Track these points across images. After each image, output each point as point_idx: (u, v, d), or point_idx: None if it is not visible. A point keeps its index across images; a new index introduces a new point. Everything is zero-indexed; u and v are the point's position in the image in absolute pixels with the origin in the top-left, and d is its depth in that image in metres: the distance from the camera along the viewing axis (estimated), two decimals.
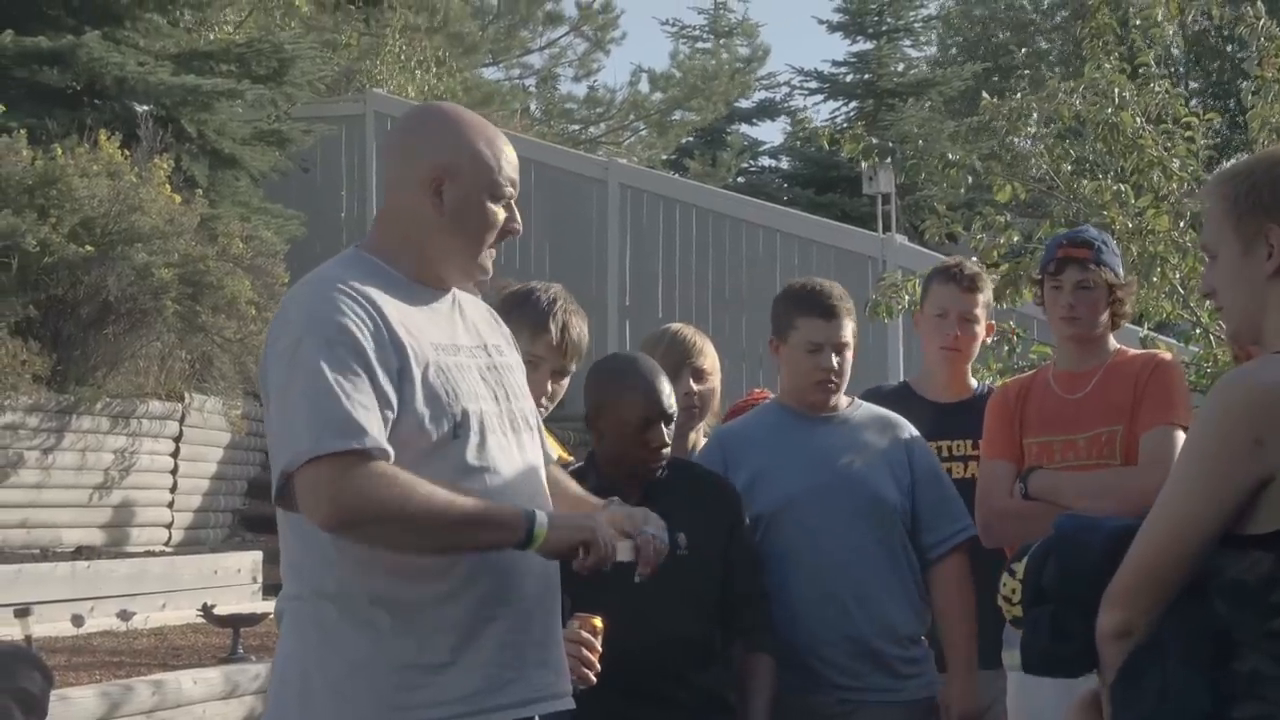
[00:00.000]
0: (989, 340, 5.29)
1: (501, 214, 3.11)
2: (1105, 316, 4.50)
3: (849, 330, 4.41)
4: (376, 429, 2.85)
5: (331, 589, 2.94)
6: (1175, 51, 23.45)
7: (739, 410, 5.06)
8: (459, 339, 3.08)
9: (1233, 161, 2.99)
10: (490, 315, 3.27)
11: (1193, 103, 13.94)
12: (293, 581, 3.04)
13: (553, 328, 3.92)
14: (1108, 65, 7.39)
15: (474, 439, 2.98)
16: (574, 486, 3.37)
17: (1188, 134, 7.24)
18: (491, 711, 2.95)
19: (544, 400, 3.86)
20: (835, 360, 4.38)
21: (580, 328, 4.00)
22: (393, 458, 2.86)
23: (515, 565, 2.99)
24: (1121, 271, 4.56)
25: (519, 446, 3.09)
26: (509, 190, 3.12)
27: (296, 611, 3.01)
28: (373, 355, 2.90)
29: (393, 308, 2.97)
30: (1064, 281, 4.47)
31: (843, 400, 4.51)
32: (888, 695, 4.32)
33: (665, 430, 3.97)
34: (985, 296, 5.02)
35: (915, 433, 4.52)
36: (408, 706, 2.91)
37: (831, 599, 4.28)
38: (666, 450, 3.99)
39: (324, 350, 2.88)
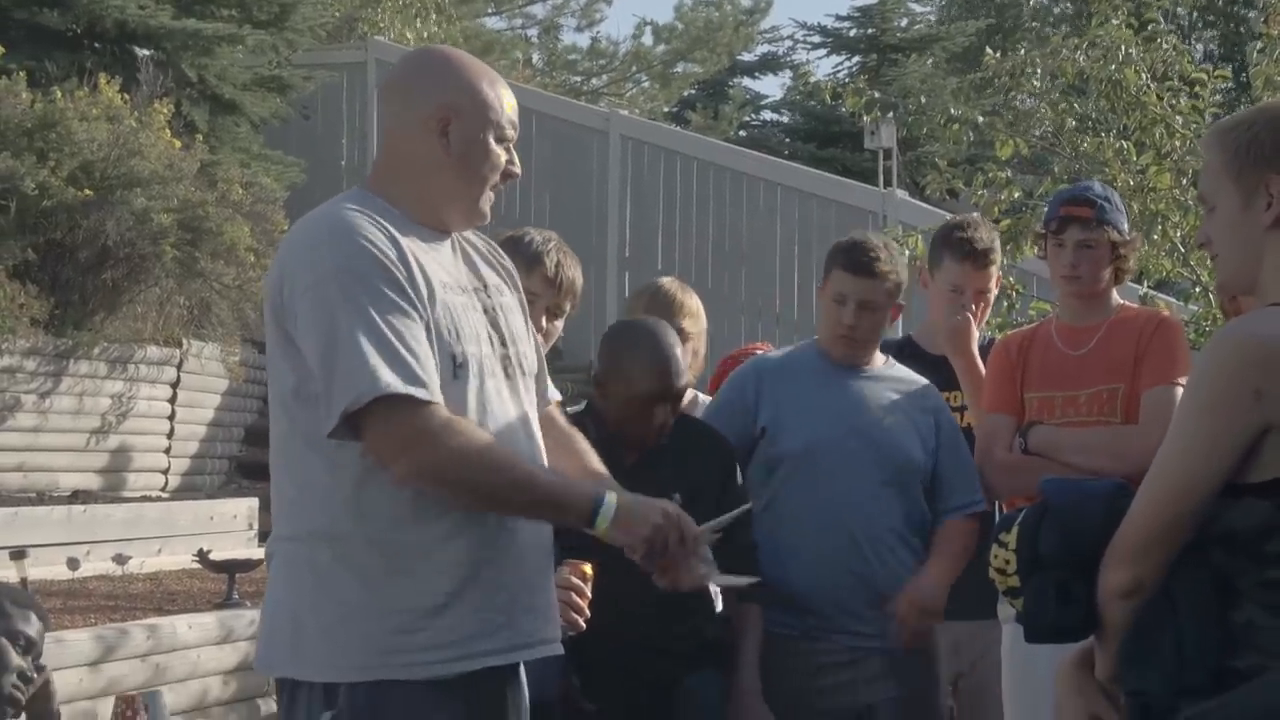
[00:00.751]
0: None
1: (504, 155, 3.11)
2: (1108, 273, 4.49)
3: (880, 290, 4.39)
4: (435, 378, 2.86)
5: (326, 531, 2.92)
6: (1181, 10, 23.35)
7: (734, 361, 5.03)
8: (461, 279, 3.07)
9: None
10: (492, 251, 3.25)
11: (1206, 62, 13.89)
12: (286, 523, 3.01)
13: (547, 262, 3.93)
14: (1115, 21, 7.36)
15: (473, 382, 2.98)
16: (586, 450, 3.34)
17: (1195, 91, 7.22)
18: (481, 656, 2.95)
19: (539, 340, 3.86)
20: (854, 315, 4.38)
21: (574, 269, 4.01)
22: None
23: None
24: (1126, 227, 4.55)
25: (513, 392, 3.09)
26: (510, 132, 3.12)
27: (289, 553, 2.99)
28: (405, 281, 2.90)
29: (406, 242, 2.97)
30: (1066, 240, 4.46)
31: (878, 358, 4.53)
32: (890, 642, 4.33)
33: (671, 408, 3.98)
34: (997, 265, 4.99)
35: (944, 403, 4.54)
36: (401, 650, 2.90)
37: (846, 544, 4.30)
38: (669, 426, 4.00)
39: (364, 286, 2.86)
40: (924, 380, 4.56)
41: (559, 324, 4.06)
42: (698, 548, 3.07)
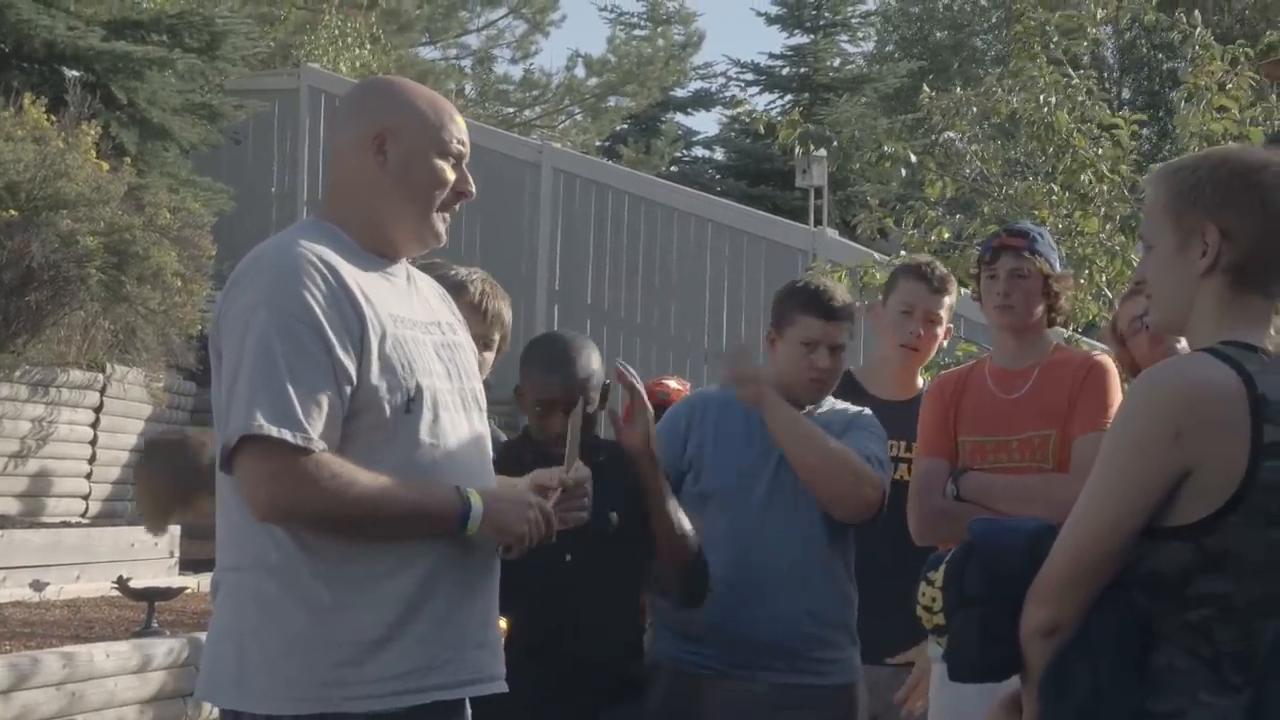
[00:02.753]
0: (944, 344, 5.29)
1: (450, 172, 3.10)
2: (1041, 310, 4.50)
3: (845, 333, 4.44)
4: (319, 421, 2.83)
5: (273, 562, 2.90)
6: (1109, 57, 23.62)
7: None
8: (415, 313, 3.06)
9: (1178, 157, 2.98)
10: (441, 293, 3.25)
11: (1123, 110, 14.06)
12: (231, 552, 2.98)
13: (471, 290, 3.91)
14: (1035, 72, 7.45)
15: (427, 415, 2.97)
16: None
17: (1115, 134, 7.29)
18: (429, 690, 2.93)
19: None
20: (829, 359, 4.40)
21: (501, 302, 3.98)
22: (330, 447, 2.85)
23: (456, 544, 2.98)
24: (1058, 265, 4.57)
25: (469, 424, 3.08)
26: (457, 148, 3.11)
27: (234, 584, 2.96)
28: (329, 328, 2.87)
29: (352, 275, 2.95)
30: (999, 270, 4.48)
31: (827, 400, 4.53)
32: (814, 679, 4.32)
33: (565, 418, 3.91)
34: (951, 300, 5.04)
35: (878, 431, 4.51)
36: (346, 683, 2.88)
37: (765, 580, 4.29)
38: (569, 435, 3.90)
39: (280, 324, 2.85)
40: (863, 413, 4.54)
41: (489, 356, 4.03)
42: (571, 502, 3.16)
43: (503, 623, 3.43)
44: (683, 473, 4.41)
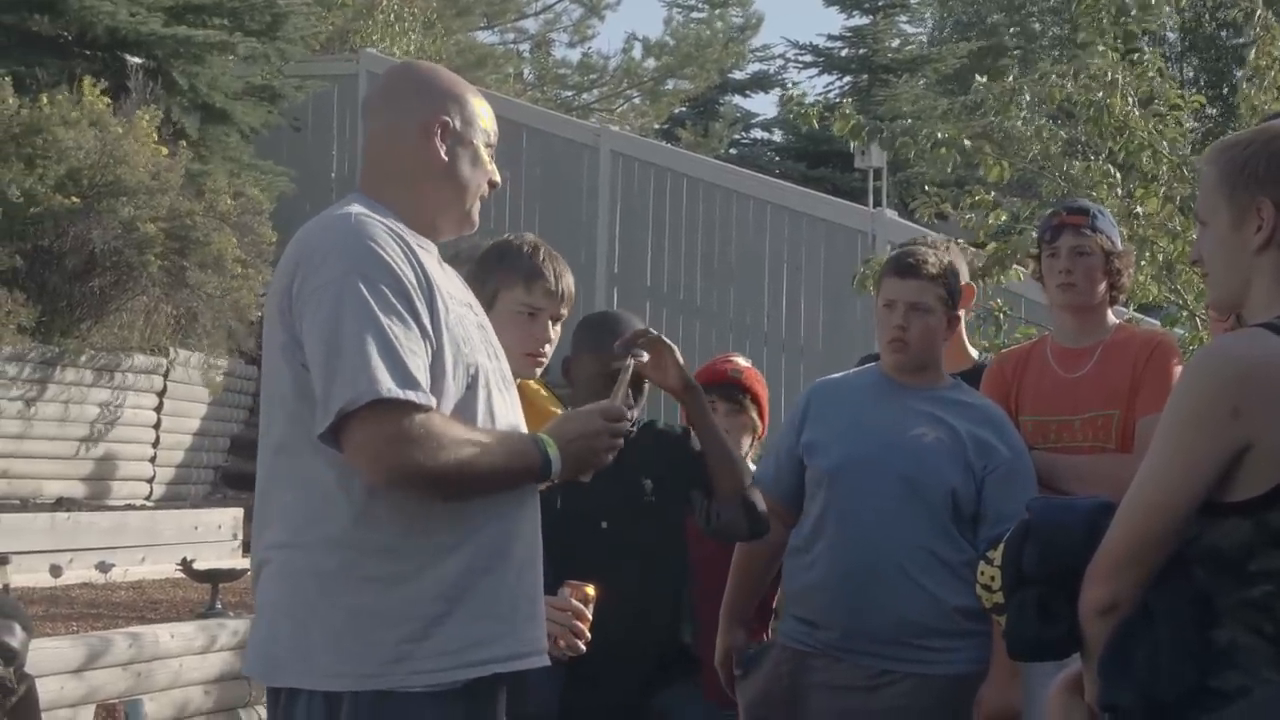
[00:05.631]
0: (969, 316, 5.16)
1: (490, 164, 3.17)
2: (1103, 288, 4.46)
3: (930, 292, 4.29)
4: (426, 379, 2.87)
5: (335, 537, 2.90)
6: (1171, 36, 23.44)
7: (706, 372, 4.95)
8: (457, 293, 3.09)
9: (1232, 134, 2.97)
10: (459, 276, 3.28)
11: (1187, 89, 13.93)
12: (284, 530, 2.97)
13: (546, 273, 3.88)
14: (1101, 46, 7.39)
15: (483, 393, 3.01)
16: None
17: (1177, 114, 7.24)
18: (488, 663, 2.94)
19: (545, 348, 3.85)
20: (904, 317, 4.29)
21: (566, 272, 3.97)
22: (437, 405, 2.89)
23: (511, 517, 3.01)
24: (1118, 242, 4.53)
25: (512, 403, 3.11)
26: (494, 141, 3.18)
27: (287, 561, 2.95)
28: (415, 295, 2.91)
29: (416, 248, 2.99)
30: (1060, 247, 4.43)
31: (944, 378, 4.42)
32: (922, 668, 4.23)
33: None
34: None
35: (1016, 441, 4.32)
36: (409, 658, 2.88)
37: (866, 566, 4.23)
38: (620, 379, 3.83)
39: (374, 291, 2.87)
40: (988, 402, 4.41)
41: (559, 330, 4.04)
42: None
43: (590, 589, 3.46)
44: (799, 459, 4.39)
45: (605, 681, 3.88)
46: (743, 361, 5.14)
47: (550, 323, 3.89)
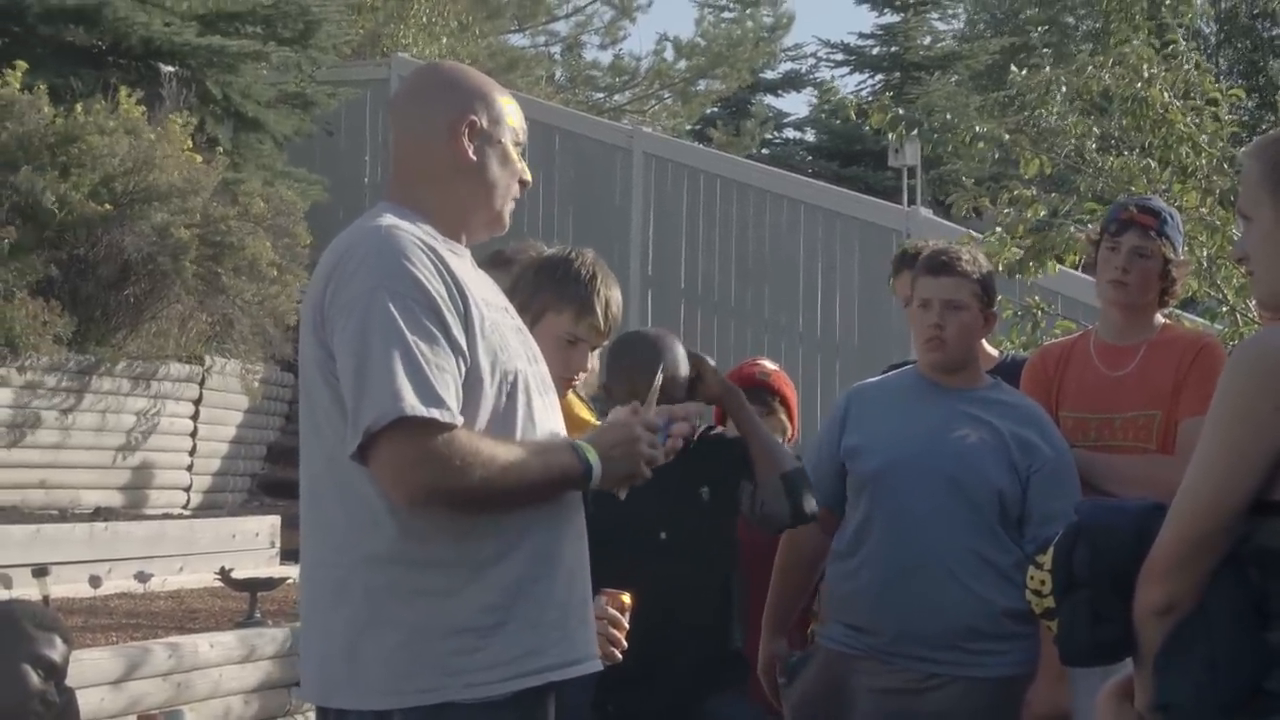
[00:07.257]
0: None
1: (520, 162, 3.13)
2: (1155, 291, 4.37)
3: (964, 289, 4.26)
4: (454, 398, 2.83)
5: (383, 554, 2.87)
6: (1206, 29, 23.31)
7: (735, 376, 4.90)
8: (491, 297, 3.05)
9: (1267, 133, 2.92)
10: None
11: (1222, 80, 13.86)
12: (328, 548, 2.94)
13: (597, 308, 3.71)
14: (1135, 41, 7.34)
15: (522, 398, 2.97)
16: None
17: (1214, 109, 7.18)
18: (543, 672, 2.92)
19: (580, 376, 3.79)
20: (940, 315, 4.26)
21: (617, 299, 3.83)
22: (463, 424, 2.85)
23: (558, 523, 2.98)
24: (1181, 250, 4.44)
25: (552, 408, 3.08)
26: (523, 139, 3.15)
27: (336, 580, 2.92)
28: (445, 308, 2.87)
29: (450, 260, 2.95)
30: (1121, 244, 4.34)
31: (983, 378, 4.39)
32: (971, 670, 4.21)
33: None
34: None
35: (1058, 440, 4.28)
36: (463, 671, 2.86)
37: (911, 568, 4.20)
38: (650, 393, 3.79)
39: (401, 306, 2.83)
40: (1029, 401, 4.37)
41: (596, 354, 3.95)
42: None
43: (626, 597, 3.44)
44: (841, 463, 4.36)
45: (658, 685, 3.89)
46: (770, 365, 5.16)
47: (590, 351, 3.83)
